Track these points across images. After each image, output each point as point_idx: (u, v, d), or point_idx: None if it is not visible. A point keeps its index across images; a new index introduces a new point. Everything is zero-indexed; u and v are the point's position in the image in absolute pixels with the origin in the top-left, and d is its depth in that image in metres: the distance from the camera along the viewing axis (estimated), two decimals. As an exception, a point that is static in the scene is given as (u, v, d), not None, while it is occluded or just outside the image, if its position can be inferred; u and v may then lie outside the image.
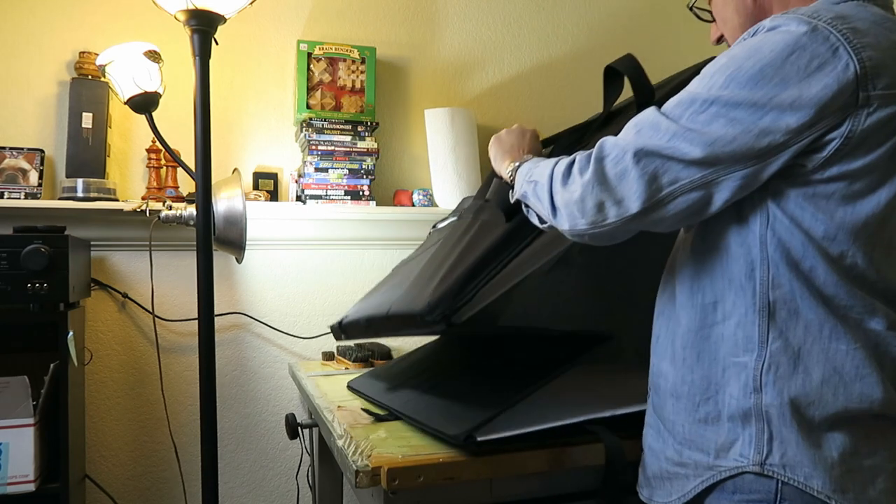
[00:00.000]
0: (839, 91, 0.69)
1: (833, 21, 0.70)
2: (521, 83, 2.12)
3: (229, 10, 1.34)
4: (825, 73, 0.69)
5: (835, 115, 0.69)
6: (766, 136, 0.71)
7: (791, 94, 0.69)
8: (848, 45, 0.69)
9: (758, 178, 0.74)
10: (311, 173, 1.78)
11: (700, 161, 0.73)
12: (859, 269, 0.74)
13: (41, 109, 1.68)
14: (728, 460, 0.79)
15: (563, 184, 0.84)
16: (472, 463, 0.96)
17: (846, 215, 0.73)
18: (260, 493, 1.82)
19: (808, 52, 0.69)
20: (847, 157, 0.71)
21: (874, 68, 0.69)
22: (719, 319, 0.82)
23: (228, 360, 1.79)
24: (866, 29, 0.70)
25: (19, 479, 1.34)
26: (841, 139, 0.70)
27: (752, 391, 0.78)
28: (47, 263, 1.31)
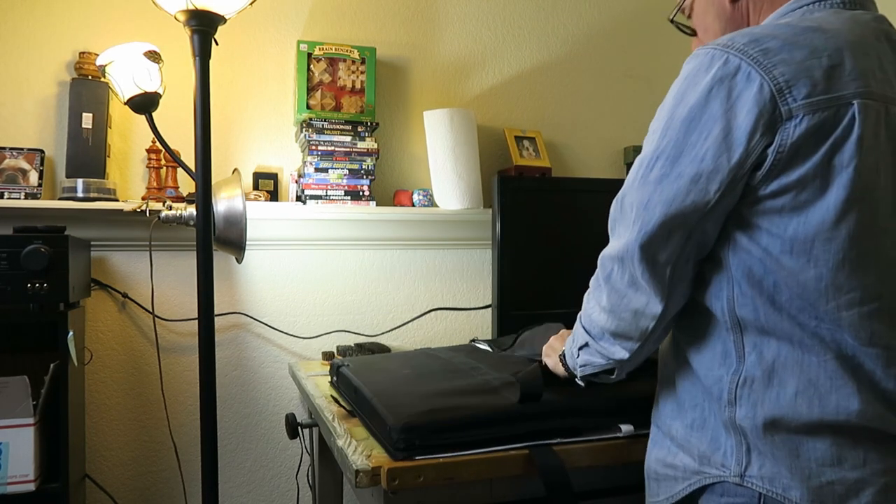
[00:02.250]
0: (760, 112, 0.71)
1: (744, 47, 0.73)
2: (521, 83, 2.12)
3: (229, 11, 1.34)
4: (745, 100, 0.72)
5: (765, 135, 0.72)
6: (713, 179, 0.74)
7: (721, 131, 0.73)
8: (758, 67, 0.71)
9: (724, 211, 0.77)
10: (311, 173, 1.78)
11: (668, 221, 0.77)
12: (824, 279, 0.74)
13: (41, 109, 1.68)
14: (711, 468, 0.81)
15: (599, 328, 0.88)
16: (472, 463, 0.96)
17: (798, 227, 0.73)
18: (260, 493, 1.82)
19: (725, 84, 0.73)
20: (785, 170, 0.72)
21: (787, 82, 0.71)
22: (697, 336, 0.84)
23: (228, 360, 1.79)
24: (780, 46, 0.72)
25: (19, 478, 1.34)
26: (774, 153, 0.72)
27: (727, 404, 0.80)
28: (47, 263, 1.31)
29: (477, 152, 1.92)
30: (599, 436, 1.04)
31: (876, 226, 0.74)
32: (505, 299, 1.64)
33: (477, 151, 1.92)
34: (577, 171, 2.16)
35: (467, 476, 0.96)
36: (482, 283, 2.01)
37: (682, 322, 0.87)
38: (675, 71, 0.82)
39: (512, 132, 2.02)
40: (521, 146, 2.01)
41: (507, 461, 0.97)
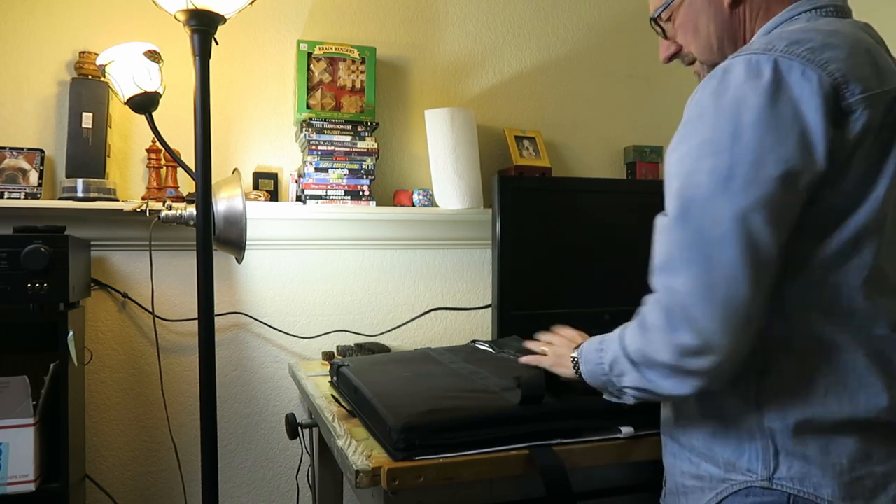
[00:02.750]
0: (827, 107, 0.70)
1: (788, 48, 0.72)
2: (521, 83, 2.12)
3: (229, 10, 1.34)
4: (809, 97, 0.70)
5: (834, 129, 0.70)
6: (802, 179, 0.71)
7: (798, 130, 0.70)
8: (812, 66, 0.71)
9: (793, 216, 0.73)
10: (311, 173, 1.78)
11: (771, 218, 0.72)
12: (867, 269, 0.74)
13: (41, 109, 1.68)
14: (737, 474, 0.80)
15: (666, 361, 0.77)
16: (472, 463, 0.96)
17: (852, 223, 0.73)
18: (260, 493, 1.82)
19: (784, 85, 0.71)
20: (847, 165, 0.72)
21: (844, 77, 0.71)
22: None
23: (228, 360, 1.79)
24: (821, 46, 0.72)
25: (19, 479, 1.34)
26: (841, 148, 0.71)
27: (755, 409, 0.79)
28: (47, 263, 1.31)
29: (477, 152, 1.92)
30: (599, 437, 1.04)
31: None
32: (505, 299, 1.64)
33: (477, 151, 1.92)
34: (577, 171, 2.16)
35: (467, 476, 0.96)
36: (482, 283, 2.01)
37: None
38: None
39: (512, 132, 2.02)
40: (521, 146, 2.01)
41: (508, 461, 0.97)
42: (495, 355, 1.43)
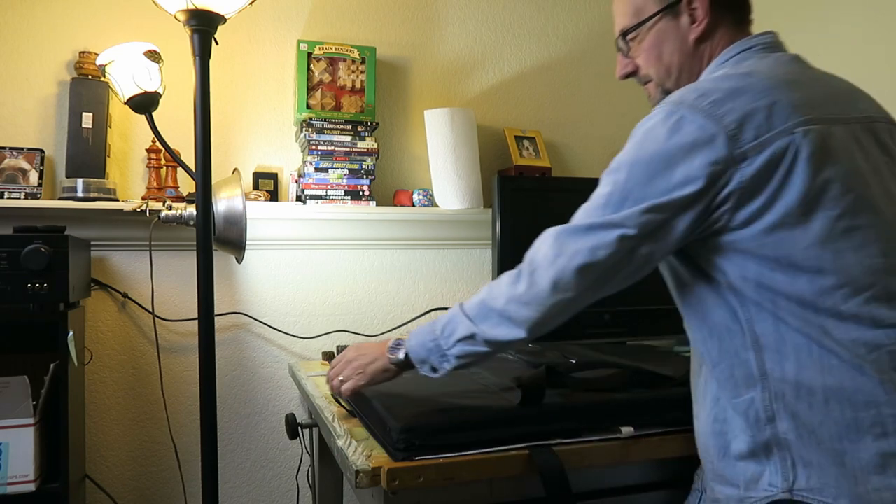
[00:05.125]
0: (717, 156, 0.78)
1: (695, 101, 0.81)
2: (521, 83, 2.12)
3: (229, 10, 1.34)
4: (700, 146, 0.79)
5: (722, 175, 0.79)
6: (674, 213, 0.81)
7: (681, 173, 0.80)
8: (709, 119, 0.79)
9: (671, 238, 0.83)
10: (311, 173, 1.78)
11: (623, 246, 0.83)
12: (816, 283, 0.78)
13: (41, 109, 1.68)
14: (758, 491, 0.82)
15: (503, 305, 0.90)
16: (472, 463, 0.96)
17: (776, 245, 0.79)
18: (260, 493, 1.82)
19: (681, 134, 0.80)
20: (751, 200, 0.79)
21: (738, 127, 0.79)
22: (712, 366, 0.88)
23: (228, 360, 1.79)
24: (725, 96, 0.80)
25: (19, 479, 1.34)
26: (737, 189, 0.79)
27: (767, 422, 0.81)
28: (47, 263, 1.31)
29: (477, 152, 1.92)
30: (599, 437, 1.04)
31: (855, 221, 0.79)
32: (505, 299, 1.64)
33: (477, 151, 1.92)
34: (577, 171, 2.16)
35: (467, 476, 0.96)
36: (482, 283, 2.01)
37: (708, 362, 0.89)
38: None
39: (512, 132, 2.02)
40: (521, 146, 2.01)
41: (507, 462, 0.97)
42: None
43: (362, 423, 1.13)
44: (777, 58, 0.90)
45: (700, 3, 0.93)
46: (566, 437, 1.02)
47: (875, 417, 0.76)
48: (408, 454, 0.95)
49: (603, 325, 1.68)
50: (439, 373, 0.97)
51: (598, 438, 1.04)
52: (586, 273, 0.83)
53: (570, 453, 1.00)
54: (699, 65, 0.95)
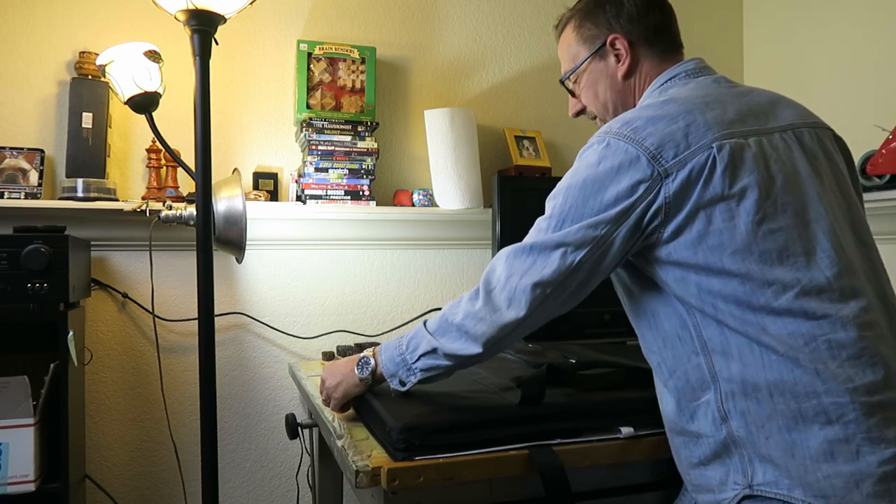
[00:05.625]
0: (642, 176, 0.86)
1: (619, 129, 0.89)
2: (521, 83, 2.12)
3: (229, 10, 1.34)
4: (625, 168, 0.87)
5: (648, 193, 0.86)
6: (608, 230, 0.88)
7: (612, 194, 0.87)
8: (632, 143, 0.87)
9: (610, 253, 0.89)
10: (311, 173, 1.78)
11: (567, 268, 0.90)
12: (746, 284, 0.83)
13: (41, 109, 1.68)
14: (727, 492, 0.86)
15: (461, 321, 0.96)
16: (472, 463, 0.96)
17: (706, 253, 0.85)
18: (260, 493, 1.82)
19: (608, 159, 0.88)
20: (677, 215, 0.86)
21: (658, 149, 0.86)
22: (669, 373, 0.93)
23: (228, 360, 1.79)
24: (645, 123, 0.88)
25: (19, 479, 1.34)
26: (663, 205, 0.86)
27: (721, 422, 0.86)
28: (47, 263, 1.31)
29: (477, 152, 1.92)
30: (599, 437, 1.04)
31: (776, 223, 0.85)
32: (505, 299, 1.64)
33: (477, 151, 1.92)
34: (578, 171, 2.16)
35: (467, 476, 0.96)
36: (482, 283, 2.01)
37: (665, 372, 0.94)
38: None
39: (512, 132, 2.02)
40: (521, 146, 2.01)
41: (507, 461, 0.97)
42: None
43: (362, 423, 1.13)
44: (698, 82, 0.99)
45: (621, 44, 1.04)
46: (566, 437, 1.02)
47: (817, 407, 0.80)
48: (408, 454, 0.95)
49: (603, 325, 1.68)
50: (406, 386, 1.02)
51: (598, 438, 1.03)
52: (535, 290, 0.89)
53: (570, 453, 1.00)
54: (631, 97, 1.06)
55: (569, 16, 1.13)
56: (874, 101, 1.90)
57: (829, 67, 2.03)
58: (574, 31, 1.11)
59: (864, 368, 0.80)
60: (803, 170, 0.89)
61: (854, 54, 1.97)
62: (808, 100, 1.03)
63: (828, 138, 0.96)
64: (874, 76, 1.91)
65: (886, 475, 0.77)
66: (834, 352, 0.80)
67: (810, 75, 2.09)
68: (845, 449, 0.78)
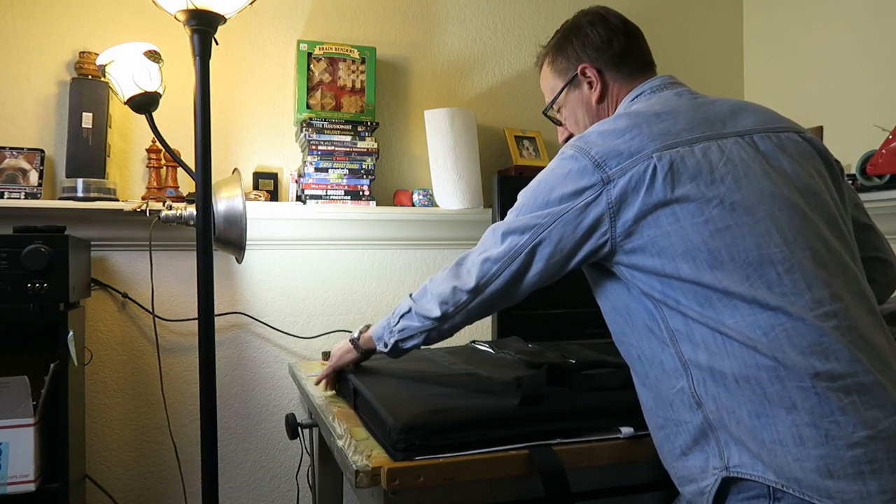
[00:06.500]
0: (589, 182, 0.93)
1: (575, 142, 0.98)
2: (521, 83, 2.12)
3: (229, 10, 1.34)
4: (574, 173, 0.95)
5: (596, 198, 0.93)
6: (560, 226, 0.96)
7: (565, 195, 0.96)
8: (581, 153, 0.96)
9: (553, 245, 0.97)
10: (311, 173, 1.78)
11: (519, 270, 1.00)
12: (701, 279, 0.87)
13: (41, 109, 1.68)
14: (708, 477, 0.87)
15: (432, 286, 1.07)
16: (471, 463, 0.96)
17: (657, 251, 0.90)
18: (260, 493, 1.82)
19: (563, 165, 0.97)
20: (620, 217, 0.92)
21: (602, 158, 0.94)
22: (648, 364, 0.95)
23: (228, 360, 1.79)
24: (597, 137, 0.96)
25: (19, 479, 1.34)
26: (607, 210, 0.92)
27: (696, 406, 0.89)
28: (47, 263, 1.31)
29: (477, 152, 1.92)
30: (599, 437, 1.04)
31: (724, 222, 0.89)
32: (505, 299, 1.64)
33: (477, 151, 1.92)
34: (578, 171, 2.16)
35: (467, 476, 0.96)
36: (482, 283, 2.01)
37: (644, 365, 0.96)
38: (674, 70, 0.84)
39: (512, 132, 2.02)
40: (521, 146, 2.01)
41: (507, 461, 0.97)
42: (495, 356, 1.43)
43: (362, 423, 1.13)
44: (660, 97, 1.06)
45: (591, 72, 1.13)
46: (566, 437, 1.02)
47: (781, 392, 0.82)
48: (408, 454, 0.95)
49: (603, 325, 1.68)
50: (388, 347, 1.12)
51: (598, 438, 1.04)
52: (484, 265, 0.99)
53: (570, 453, 1.00)
54: (606, 116, 1.12)
55: (544, 53, 1.23)
56: (874, 101, 1.90)
57: (829, 67, 2.03)
58: (549, 66, 1.21)
59: (826, 356, 0.82)
60: (758, 170, 0.92)
61: (854, 55, 1.97)
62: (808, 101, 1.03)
63: (792, 141, 0.98)
64: (874, 77, 1.91)
65: (857, 458, 0.78)
66: (793, 340, 0.83)
67: (810, 76, 2.09)
68: (814, 433, 0.80)
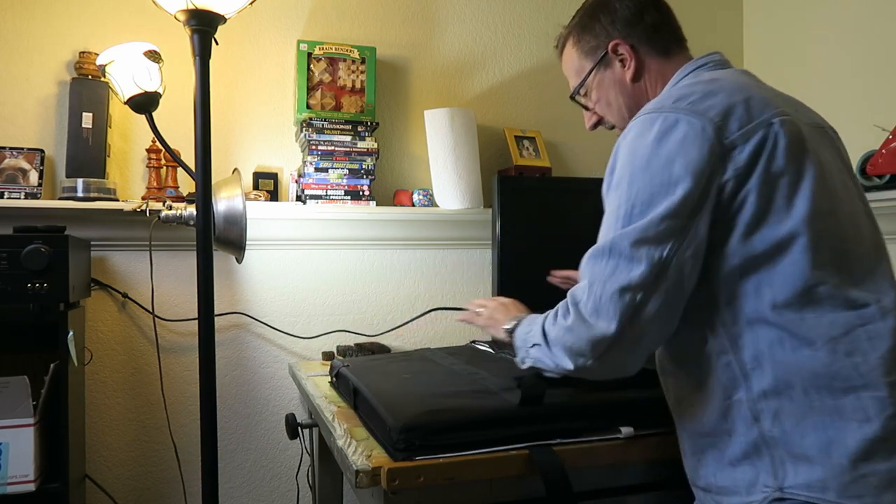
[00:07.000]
0: (711, 148, 0.82)
1: (675, 104, 0.86)
2: (521, 83, 2.12)
3: (229, 10, 1.34)
4: (691, 140, 0.82)
5: (718, 165, 0.82)
6: (686, 211, 0.81)
7: (680, 168, 0.81)
8: (694, 115, 0.83)
9: (697, 237, 0.82)
10: (311, 173, 1.78)
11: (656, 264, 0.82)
12: (798, 265, 0.80)
13: (41, 109, 1.68)
14: (756, 493, 0.82)
15: (555, 334, 0.90)
16: (472, 463, 0.96)
17: (770, 230, 0.82)
18: (260, 493, 1.82)
19: (670, 134, 0.83)
20: (741, 189, 0.82)
21: (722, 120, 0.83)
22: (702, 372, 0.88)
23: (228, 360, 1.79)
24: (701, 97, 0.86)
25: (19, 479, 1.34)
26: (732, 178, 0.82)
27: (753, 421, 0.82)
28: (47, 263, 1.31)
29: (477, 152, 1.92)
30: (599, 437, 1.04)
31: (826, 205, 0.83)
32: (505, 299, 1.64)
33: (477, 151, 1.92)
34: (577, 171, 2.16)
35: (467, 476, 0.96)
36: (482, 283, 2.01)
37: (684, 370, 0.91)
38: None
39: (512, 132, 2.02)
40: (521, 146, 2.01)
41: (507, 461, 0.97)
42: (495, 356, 1.43)
43: (362, 423, 1.13)
44: (731, 70, 0.98)
45: (623, 49, 1.03)
46: (566, 437, 1.02)
47: (855, 402, 0.78)
48: (408, 454, 0.95)
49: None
50: (524, 365, 0.99)
51: (598, 438, 1.03)
52: (624, 296, 0.81)
53: (570, 453, 1.00)
54: (645, 98, 1.04)
55: (566, 33, 1.13)
56: (874, 101, 1.90)
57: (828, 67, 2.03)
58: (574, 47, 1.11)
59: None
60: (833, 159, 0.89)
61: (854, 54, 1.96)
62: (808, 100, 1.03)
63: (830, 138, 0.97)
64: (874, 76, 1.91)
65: None
66: (874, 342, 0.79)
67: (810, 76, 2.09)
68: (882, 448, 0.77)
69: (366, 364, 1.36)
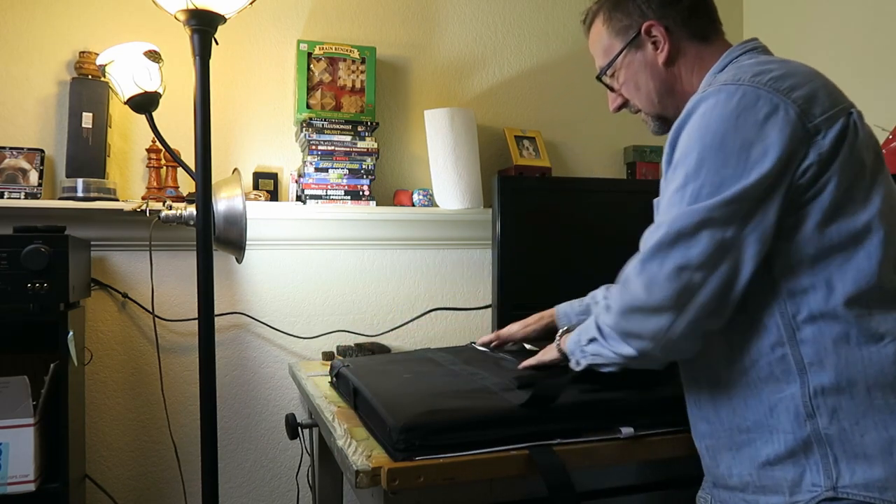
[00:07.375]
0: (793, 130, 0.78)
1: (754, 79, 0.81)
2: (521, 83, 2.12)
3: (229, 10, 1.34)
4: (774, 122, 0.78)
5: (799, 149, 0.78)
6: (757, 195, 0.78)
7: (758, 151, 0.78)
8: (777, 94, 0.79)
9: (765, 222, 0.79)
10: (311, 173, 1.78)
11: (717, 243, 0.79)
12: (874, 258, 0.78)
13: (41, 109, 1.68)
14: (803, 493, 0.79)
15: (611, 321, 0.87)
16: (472, 463, 0.96)
17: (846, 222, 0.79)
18: (260, 493, 1.82)
19: (751, 112, 0.79)
20: (822, 175, 0.79)
21: (806, 103, 0.79)
22: (751, 364, 0.84)
23: (228, 360, 1.79)
24: (782, 75, 0.81)
25: (19, 479, 1.34)
26: (814, 163, 0.78)
27: (806, 418, 0.79)
28: (47, 263, 1.31)
29: (477, 152, 1.92)
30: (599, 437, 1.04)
31: (893, 202, 0.82)
32: (505, 299, 1.64)
33: (477, 151, 1.92)
34: (577, 171, 2.16)
35: (467, 476, 0.96)
36: (482, 283, 2.01)
37: (727, 360, 0.87)
38: None
39: (512, 132, 2.02)
40: (521, 146, 2.01)
41: (508, 461, 0.97)
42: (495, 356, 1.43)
43: (362, 423, 1.13)
44: (775, 58, 0.92)
45: (658, 31, 0.98)
46: (566, 437, 1.02)
47: None
48: (408, 454, 0.95)
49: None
50: (581, 366, 0.98)
51: (598, 438, 1.03)
52: (681, 275, 0.78)
53: (570, 453, 1.00)
54: (677, 84, 1.00)
55: (595, 9, 1.06)
56: (874, 101, 1.90)
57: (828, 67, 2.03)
58: (604, 25, 1.04)
59: None
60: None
61: (854, 55, 1.96)
62: (808, 100, 1.02)
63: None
64: (874, 76, 1.91)
65: None
66: None
67: (810, 75, 2.09)
68: None
69: (366, 364, 1.36)
